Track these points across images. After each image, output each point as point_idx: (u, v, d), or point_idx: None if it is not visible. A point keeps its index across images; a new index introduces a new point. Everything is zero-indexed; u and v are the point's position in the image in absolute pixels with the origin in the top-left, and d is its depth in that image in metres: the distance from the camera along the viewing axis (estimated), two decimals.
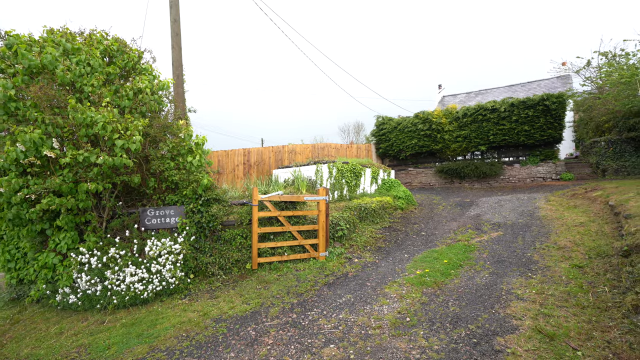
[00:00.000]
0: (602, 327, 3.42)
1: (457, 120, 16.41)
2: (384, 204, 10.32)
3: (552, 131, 14.13)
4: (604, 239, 5.93)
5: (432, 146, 17.29)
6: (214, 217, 5.88)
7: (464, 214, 9.81)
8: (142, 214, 5.62)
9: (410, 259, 6.64)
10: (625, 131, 13.67)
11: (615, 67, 15.35)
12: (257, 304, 4.98)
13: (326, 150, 16.57)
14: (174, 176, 5.52)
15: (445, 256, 6.39)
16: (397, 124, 18.48)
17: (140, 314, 4.90)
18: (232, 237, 6.16)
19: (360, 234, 8.26)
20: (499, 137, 15.27)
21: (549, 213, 8.26)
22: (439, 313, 4.28)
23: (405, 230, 8.84)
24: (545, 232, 7.01)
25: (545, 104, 13.97)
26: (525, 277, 5.05)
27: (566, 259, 5.48)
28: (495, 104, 15.28)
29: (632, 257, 4.21)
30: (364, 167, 11.55)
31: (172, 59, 8.59)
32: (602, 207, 7.48)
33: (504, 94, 23.48)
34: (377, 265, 6.49)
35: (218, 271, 5.88)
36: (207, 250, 5.89)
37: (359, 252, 7.30)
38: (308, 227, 6.74)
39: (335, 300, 4.98)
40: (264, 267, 6.29)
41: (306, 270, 6.28)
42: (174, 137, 5.74)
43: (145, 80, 5.53)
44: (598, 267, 4.93)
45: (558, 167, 14.57)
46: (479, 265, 5.78)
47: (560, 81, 22.88)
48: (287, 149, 14.02)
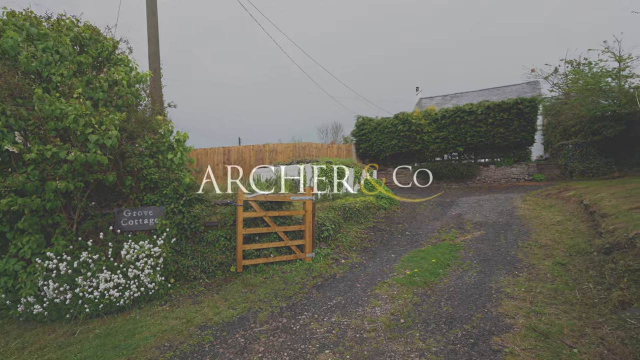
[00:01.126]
0: (593, 324, 3.49)
1: (436, 122, 16.76)
2: (368, 204, 10.30)
3: (525, 133, 14.73)
4: (581, 236, 6.17)
5: (412, 147, 17.56)
6: (196, 218, 5.57)
7: (446, 214, 9.97)
8: (117, 215, 5.21)
9: (397, 259, 6.61)
10: (590, 135, 14.47)
11: (581, 75, 16.22)
12: (244, 308, 4.74)
13: (307, 150, 16.43)
14: (153, 174, 5.15)
15: (432, 256, 6.41)
16: (377, 124, 18.63)
17: (116, 323, 4.53)
18: (216, 239, 5.87)
19: (345, 235, 8.17)
20: (475, 138, 15.73)
21: (527, 212, 8.54)
22: (432, 314, 4.23)
23: (389, 230, 8.84)
24: (525, 230, 7.21)
25: (519, 107, 14.54)
26: (512, 275, 5.13)
27: (548, 256, 5.63)
28: (473, 106, 15.73)
29: (614, 254, 4.37)
30: (347, 167, 11.50)
31: (149, 52, 8.13)
32: (576, 207, 7.81)
33: (478, 97, 24.31)
34: (364, 265, 6.41)
35: (200, 275, 5.57)
36: (189, 253, 5.57)
37: (345, 253, 7.20)
38: (294, 227, 6.55)
39: (325, 303, 4.83)
40: (249, 269, 6.03)
41: (293, 272, 6.09)
42: (153, 133, 5.37)
43: (122, 71, 5.13)
44: (580, 264, 5.09)
45: (530, 168, 15.21)
46: (466, 264, 5.83)
47: (530, 87, 24.00)
48: (268, 148, 13.74)
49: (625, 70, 14.45)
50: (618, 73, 14.56)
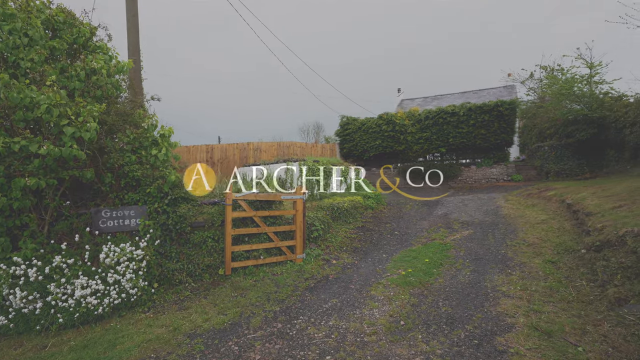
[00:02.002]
0: (593, 321, 3.51)
1: (420, 123, 16.97)
2: (356, 203, 10.20)
3: (504, 135, 15.16)
4: (567, 235, 6.32)
5: (396, 147, 17.69)
6: (182, 218, 5.23)
7: (432, 213, 10.03)
8: (95, 215, 4.80)
9: (389, 259, 6.53)
10: (564, 138, 15.08)
11: (555, 80, 16.91)
12: (235, 314, 4.47)
13: (291, 149, 16.21)
14: (136, 171, 4.78)
15: (424, 255, 6.37)
16: (361, 124, 18.64)
17: (94, 333, 4.14)
18: (202, 240, 5.55)
19: (335, 235, 8.02)
20: (458, 139, 16.03)
21: (511, 212, 8.71)
22: (432, 314, 4.15)
23: (378, 229, 8.78)
24: (512, 229, 7.33)
25: (499, 109, 14.95)
26: (505, 274, 5.15)
27: (538, 254, 5.72)
28: (455, 107, 16.03)
29: (605, 251, 4.45)
30: (334, 166, 11.37)
31: (128, 43, 7.65)
32: (558, 206, 8.04)
33: (458, 99, 24.89)
34: (356, 266, 6.28)
35: (186, 278, 5.24)
36: (174, 255, 5.22)
37: (336, 253, 7.05)
38: (285, 227, 6.33)
39: (320, 306, 4.66)
40: (238, 272, 5.75)
41: (284, 274, 5.87)
42: (136, 128, 4.99)
43: (101, 59, 4.73)
44: (569, 261, 5.18)
45: (509, 169, 15.68)
46: (458, 263, 5.82)
47: (506, 90, 24.83)
48: (252, 146, 13.40)
49: (596, 77, 15.19)
50: (589, 79, 15.28)
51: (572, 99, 15.12)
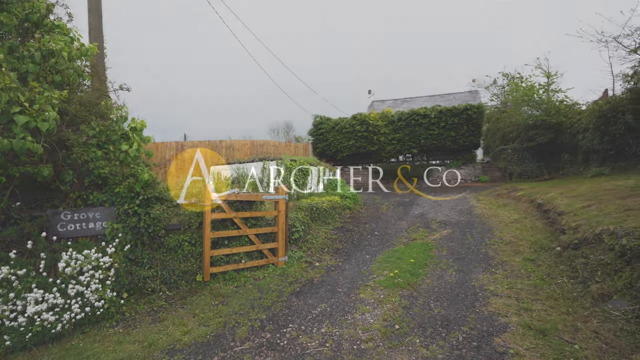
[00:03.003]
0: (582, 318, 3.60)
1: (393, 124, 17.23)
2: (334, 203, 10.05)
3: (472, 138, 15.80)
4: (540, 233, 6.59)
5: (369, 147, 17.83)
6: (156, 220, 4.75)
7: (409, 213, 10.14)
8: (53, 218, 4.19)
9: (372, 260, 6.43)
10: (526, 141, 16.01)
11: (517, 87, 17.92)
12: (218, 324, 4.11)
13: (265, 148, 15.78)
14: (102, 169, 4.23)
15: (407, 256, 6.34)
16: (335, 124, 18.60)
17: (51, 355, 3.59)
18: (178, 244, 5.09)
19: (315, 236, 7.81)
20: (429, 141, 16.47)
21: (484, 211, 9.00)
22: (425, 317, 4.07)
23: (358, 230, 8.68)
24: (487, 228, 7.55)
25: (468, 113, 15.55)
26: (489, 272, 5.23)
27: (517, 253, 5.89)
28: (427, 110, 16.46)
29: (583, 249, 4.64)
30: (311, 166, 11.15)
31: (90, 26, 6.91)
32: (528, 205, 8.42)
33: (427, 102, 25.67)
34: (341, 268, 6.11)
35: (160, 287, 4.77)
36: (146, 261, 4.72)
37: (318, 255, 6.83)
38: (266, 229, 6.01)
39: (309, 312, 4.42)
40: (217, 278, 5.35)
41: (267, 278, 5.56)
42: (102, 119, 4.43)
43: (60, 40, 4.14)
44: (547, 259, 5.37)
45: (476, 170, 16.37)
46: (442, 263, 5.84)
47: (471, 95, 26.00)
48: (225, 144, 12.83)
49: (553, 85, 16.30)
50: (547, 87, 16.36)
51: (532, 106, 16.10)
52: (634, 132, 10.75)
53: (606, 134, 11.63)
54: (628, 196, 5.80)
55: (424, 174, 16.71)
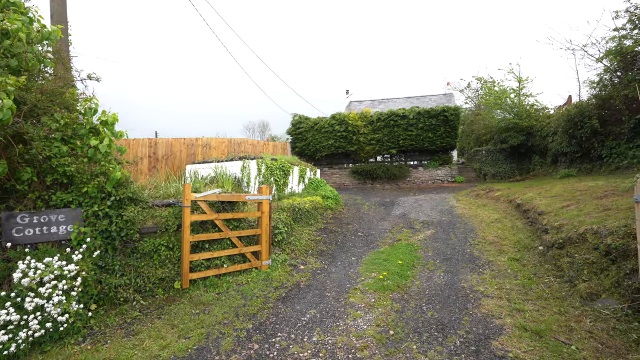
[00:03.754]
0: (574, 317, 3.62)
1: (372, 124, 17.28)
2: (316, 204, 9.85)
3: (449, 139, 16.14)
4: (521, 233, 6.73)
5: (348, 147, 17.79)
6: (129, 223, 4.32)
7: (391, 214, 10.13)
8: (6, 222, 3.67)
9: (359, 262, 6.29)
10: (499, 143, 16.57)
11: (491, 90, 18.57)
12: (200, 336, 3.78)
13: (242, 147, 15.32)
14: (68, 166, 3.75)
15: (394, 257, 6.26)
16: (314, 123, 18.41)
17: None
18: (154, 249, 4.68)
19: (298, 237, 7.57)
20: (407, 141, 16.66)
21: (465, 211, 9.14)
22: (419, 321, 3.96)
23: (341, 231, 8.54)
24: (470, 228, 7.64)
25: (445, 114, 15.86)
26: (477, 273, 5.23)
27: (501, 252, 5.95)
28: (405, 111, 16.64)
29: (567, 248, 4.73)
30: (292, 165, 10.88)
31: (52, 10, 6.30)
32: (507, 205, 8.63)
33: (403, 104, 26.09)
34: (327, 271, 5.92)
35: (134, 296, 4.35)
36: (118, 268, 4.29)
37: (302, 258, 6.61)
38: (249, 232, 5.70)
39: (299, 319, 4.19)
40: (197, 284, 4.99)
41: (250, 283, 5.26)
42: (68, 111, 3.95)
43: (17, 20, 3.64)
44: (532, 259, 5.46)
45: (453, 171, 16.75)
46: (430, 264, 5.80)
47: (445, 98, 26.70)
48: (201, 142, 12.28)
49: (524, 90, 17.00)
50: (519, 91, 17.04)
51: (505, 109, 16.72)
52: (599, 136, 11.36)
53: (574, 137, 12.22)
54: (603, 196, 6.02)
55: (403, 174, 16.89)
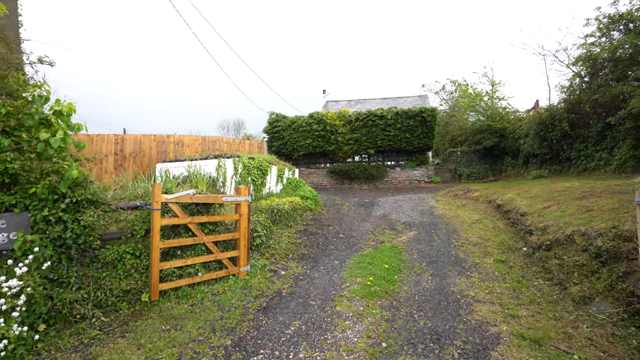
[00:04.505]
0: (570, 323, 3.52)
1: (350, 124, 17.13)
2: (295, 205, 9.49)
3: (426, 140, 16.30)
4: (504, 234, 6.73)
5: (326, 147, 17.54)
6: (89, 229, 3.77)
7: (371, 214, 9.96)
8: None
9: (342, 266, 6.01)
10: (474, 144, 16.97)
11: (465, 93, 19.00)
12: (171, 356, 3.32)
13: (217, 145, 14.67)
14: (10, 162, 3.15)
15: (379, 260, 6.03)
16: (291, 122, 18.01)
17: None
18: (118, 257, 4.14)
19: (278, 240, 7.18)
20: (385, 142, 16.66)
21: (445, 212, 9.12)
22: (412, 330, 3.72)
23: (322, 233, 8.23)
24: (452, 229, 7.58)
25: (422, 115, 16.00)
26: (465, 276, 5.10)
27: (486, 254, 5.89)
28: (384, 111, 16.62)
29: (555, 250, 4.69)
30: (270, 164, 10.45)
31: None
32: (487, 206, 8.69)
33: (379, 104, 26.23)
34: (310, 277, 5.59)
35: (93, 312, 3.80)
36: (74, 281, 3.72)
37: (282, 262, 6.23)
38: (226, 236, 5.26)
39: (282, 332, 3.83)
40: (168, 295, 4.49)
41: (228, 292, 4.82)
42: (11, 98, 3.35)
43: None
44: (518, 260, 5.41)
45: (429, 172, 16.94)
46: (416, 267, 5.62)
47: (420, 99, 27.14)
48: (173, 139, 11.55)
49: (497, 93, 17.51)
50: (492, 94, 17.52)
51: (479, 111, 17.13)
52: (568, 139, 11.82)
53: (545, 139, 12.67)
54: (582, 197, 6.12)
55: (380, 174, 16.88)
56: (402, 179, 17.12)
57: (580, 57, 10.33)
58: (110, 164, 8.93)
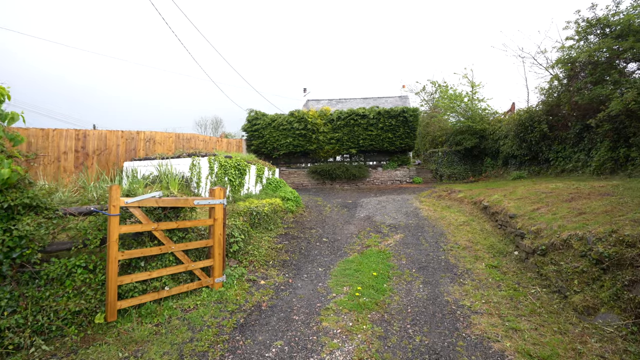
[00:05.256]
0: (577, 338, 3.25)
1: (332, 123, 16.76)
2: (275, 206, 8.98)
3: (408, 140, 16.18)
4: (493, 236, 6.53)
5: (307, 146, 17.09)
6: (26, 240, 3.13)
7: (355, 216, 9.61)
8: None
9: (327, 273, 5.59)
10: (454, 145, 17.04)
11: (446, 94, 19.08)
12: None
13: (193, 142, 13.89)
14: None
15: (366, 267, 5.66)
16: (271, 120, 17.43)
17: None
18: (66, 272, 3.50)
19: (257, 246, 6.66)
20: (367, 141, 16.41)
21: (430, 213, 8.90)
22: (408, 350, 3.34)
23: (305, 237, 7.78)
24: (439, 232, 7.33)
25: (404, 115, 15.86)
26: (458, 283, 4.80)
27: (477, 259, 5.64)
28: (366, 110, 16.36)
29: (551, 255, 4.47)
30: (248, 164, 9.87)
31: None
32: (472, 207, 8.53)
33: (360, 104, 26.03)
34: (292, 286, 5.12)
35: (32, 339, 3.16)
36: (5, 304, 3.07)
37: (262, 270, 5.73)
38: (199, 243, 4.69)
39: (262, 355, 3.35)
40: (129, 314, 3.89)
41: (200, 308, 4.27)
42: None
43: None
44: (510, 265, 5.18)
45: (411, 172, 16.84)
46: (406, 274, 5.28)
47: (401, 100, 27.18)
48: (144, 136, 10.72)
49: (477, 94, 17.68)
50: (472, 96, 17.67)
51: (459, 112, 17.22)
52: (547, 140, 11.97)
53: (524, 140, 12.79)
54: (570, 199, 6.00)
55: (362, 174, 16.62)
56: (384, 179, 16.93)
57: (560, 60, 10.44)
58: (70, 163, 8.07)
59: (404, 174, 16.83)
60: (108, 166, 9.38)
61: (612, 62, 9.30)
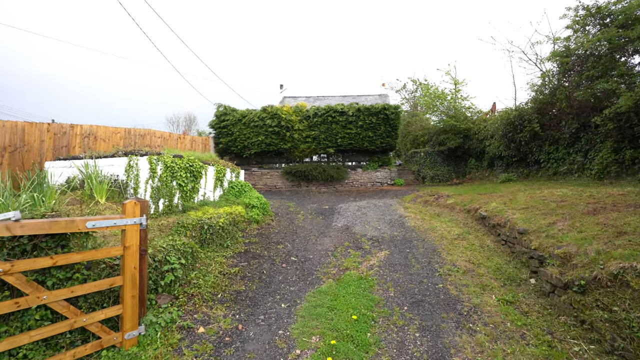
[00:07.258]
0: None
1: (308, 120, 15.37)
2: (236, 216, 7.47)
3: (390, 139, 15.05)
4: (497, 256, 5.36)
5: (281, 145, 15.60)
6: None
7: (331, 226, 8.26)
8: None
9: (292, 312, 4.19)
10: (437, 145, 16.08)
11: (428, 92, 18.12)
12: None
13: (148, 139, 12.09)
14: None
15: (342, 302, 4.30)
16: (242, 116, 15.81)
17: None
18: None
19: (204, 271, 5.17)
20: (346, 140, 15.15)
21: (418, 223, 7.68)
22: None
23: (269, 255, 6.33)
24: (431, 248, 6.10)
25: (385, 113, 14.71)
26: (467, 331, 3.53)
27: (484, 289, 4.41)
28: (345, 107, 15.09)
29: (595, 294, 3.27)
30: (205, 165, 8.29)
31: None
32: (465, 216, 7.38)
33: (339, 102, 24.74)
34: (241, 336, 3.68)
35: None
36: None
37: (205, 310, 4.25)
38: (97, 285, 3.15)
39: None
40: None
41: None
42: None
43: None
44: (530, 301, 3.98)
45: (392, 173, 15.73)
46: (396, 315, 3.96)
47: (381, 98, 26.20)
48: (81, 130, 8.90)
49: (460, 92, 16.79)
50: (455, 94, 16.77)
51: (443, 111, 16.26)
52: (538, 140, 11.10)
53: (513, 141, 11.91)
54: (594, 211, 4.90)
55: (341, 176, 15.33)
56: (363, 181, 15.72)
57: (555, 52, 9.55)
58: None
59: (385, 175, 15.69)
60: (25, 167, 7.53)
61: (615, 55, 8.45)
